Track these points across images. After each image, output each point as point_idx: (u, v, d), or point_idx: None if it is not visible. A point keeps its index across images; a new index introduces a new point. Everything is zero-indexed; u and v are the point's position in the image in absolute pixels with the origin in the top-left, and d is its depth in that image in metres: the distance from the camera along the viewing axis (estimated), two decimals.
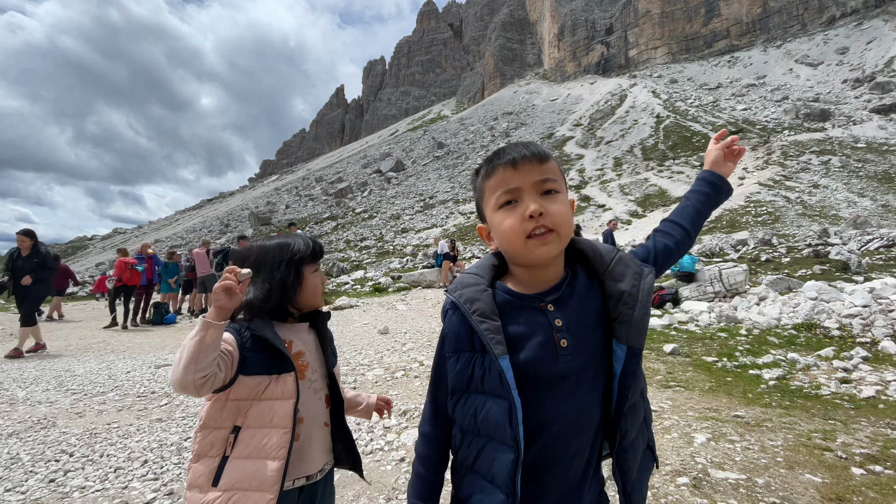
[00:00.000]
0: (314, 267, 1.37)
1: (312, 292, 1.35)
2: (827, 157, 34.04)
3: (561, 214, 0.90)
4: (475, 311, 0.91)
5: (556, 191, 0.92)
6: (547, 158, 0.93)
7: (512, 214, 0.91)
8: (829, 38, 69.95)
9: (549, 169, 0.93)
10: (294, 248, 1.33)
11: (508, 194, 0.92)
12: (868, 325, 5.36)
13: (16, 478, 2.80)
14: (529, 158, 0.91)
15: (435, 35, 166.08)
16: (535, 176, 0.91)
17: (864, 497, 2.29)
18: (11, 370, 5.73)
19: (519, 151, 0.92)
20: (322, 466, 1.33)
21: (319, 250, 1.39)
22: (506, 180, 0.92)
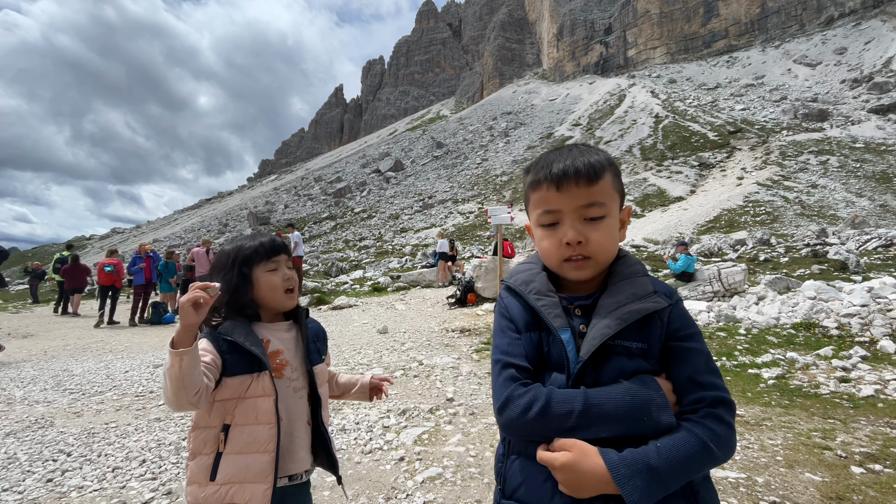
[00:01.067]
0: (269, 266, 1.31)
1: (268, 291, 1.31)
2: (825, 157, 34.13)
3: (601, 244, 0.87)
4: (531, 291, 0.93)
5: (603, 216, 0.87)
6: (597, 178, 0.86)
7: (551, 236, 0.89)
8: (827, 39, 70.10)
9: (598, 191, 0.87)
10: (240, 249, 1.32)
11: (549, 216, 0.89)
12: (867, 325, 5.36)
13: (13, 477, 2.79)
14: (576, 180, 0.86)
15: (434, 35, 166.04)
16: (580, 200, 0.86)
17: (864, 496, 2.29)
18: (9, 370, 5.71)
19: (566, 167, 0.86)
20: (308, 467, 1.33)
21: (270, 248, 1.32)
22: (547, 200, 0.89)
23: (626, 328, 0.84)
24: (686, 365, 0.86)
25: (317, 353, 1.41)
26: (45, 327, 9.92)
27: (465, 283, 9.81)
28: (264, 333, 1.31)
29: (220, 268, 1.32)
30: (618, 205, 0.91)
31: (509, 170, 55.78)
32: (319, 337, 1.47)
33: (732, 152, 39.53)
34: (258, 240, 1.34)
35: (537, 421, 0.81)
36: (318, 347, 1.43)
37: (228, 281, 1.29)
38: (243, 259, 1.30)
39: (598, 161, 0.88)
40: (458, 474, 2.67)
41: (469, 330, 7.07)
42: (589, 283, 0.93)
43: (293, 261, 9.46)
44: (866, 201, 26.05)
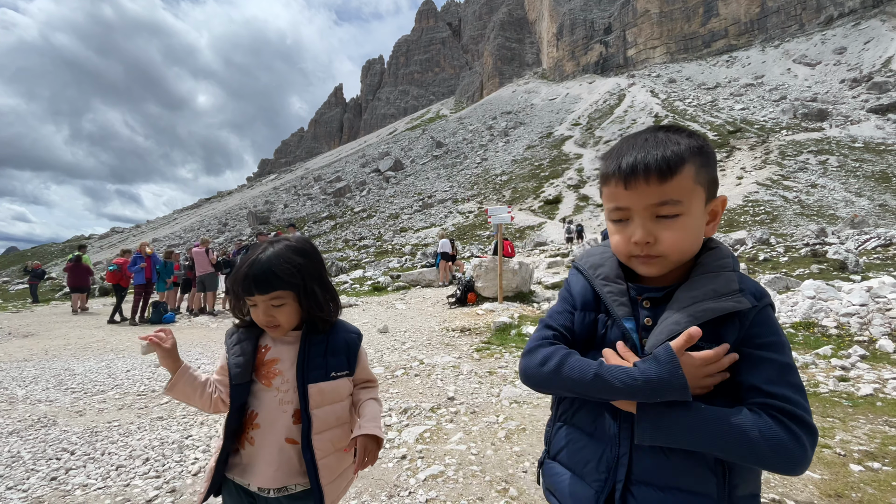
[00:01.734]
0: (249, 300, 1.24)
1: (255, 319, 1.26)
2: (824, 156, 34.16)
3: (673, 244, 0.81)
4: (599, 276, 0.92)
5: (677, 214, 0.80)
6: (672, 173, 0.79)
7: (620, 232, 0.86)
8: (826, 38, 70.16)
9: (672, 188, 0.79)
10: (236, 270, 1.26)
11: (619, 212, 0.85)
12: (866, 324, 5.38)
13: (17, 476, 2.80)
14: (645, 177, 0.79)
15: (434, 34, 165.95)
16: (650, 199, 0.80)
17: (863, 493, 2.31)
18: (11, 369, 5.72)
19: (635, 162, 0.80)
20: (281, 486, 1.23)
21: (246, 285, 1.21)
22: (616, 197, 0.84)
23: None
24: (755, 374, 0.77)
25: (321, 370, 1.28)
26: (45, 327, 9.93)
27: (465, 283, 9.82)
28: (268, 340, 1.30)
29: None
30: (701, 199, 0.82)
31: (509, 169, 55.79)
32: (338, 351, 1.32)
33: (732, 152, 39.55)
34: (244, 268, 1.23)
35: (548, 376, 0.87)
36: (327, 363, 1.29)
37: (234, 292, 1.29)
38: (231, 280, 1.26)
39: (674, 154, 0.79)
40: (459, 472, 2.69)
41: (469, 329, 7.08)
42: (665, 276, 0.88)
43: None
44: (865, 201, 26.09)
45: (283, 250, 1.26)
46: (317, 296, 1.29)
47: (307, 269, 1.28)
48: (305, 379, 1.26)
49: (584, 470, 0.89)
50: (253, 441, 1.24)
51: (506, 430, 3.25)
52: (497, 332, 6.62)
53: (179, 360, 1.24)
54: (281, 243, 1.28)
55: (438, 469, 2.72)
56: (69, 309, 14.15)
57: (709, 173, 0.83)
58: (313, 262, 1.31)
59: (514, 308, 8.53)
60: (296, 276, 1.24)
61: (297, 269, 1.25)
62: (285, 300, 1.23)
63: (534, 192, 43.52)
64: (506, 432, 3.23)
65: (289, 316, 1.25)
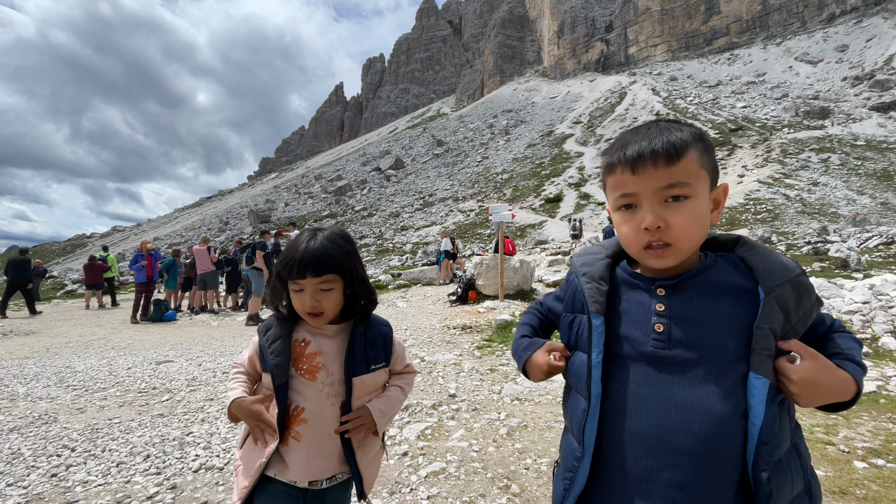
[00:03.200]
0: (294, 286, 1.23)
1: (295, 306, 1.26)
2: (826, 154, 34.07)
3: (684, 227, 0.80)
4: (583, 275, 0.94)
5: (686, 196, 0.80)
6: (679, 156, 0.79)
7: (629, 222, 0.84)
8: (828, 36, 69.95)
9: (680, 170, 0.79)
10: (283, 255, 1.26)
11: (626, 199, 0.84)
12: (868, 322, 5.37)
13: (17, 473, 2.80)
14: (653, 160, 0.79)
15: (434, 32, 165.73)
16: (659, 182, 0.80)
17: (867, 490, 2.30)
18: (12, 366, 5.73)
19: (642, 148, 0.80)
20: (332, 475, 1.29)
21: (298, 268, 1.20)
22: (623, 184, 0.84)
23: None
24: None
25: (363, 363, 1.30)
26: (46, 325, 9.94)
27: (466, 281, 9.82)
28: (305, 334, 1.29)
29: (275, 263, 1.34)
30: (706, 184, 0.83)
31: (510, 168, 55.75)
32: (376, 344, 1.35)
33: (733, 150, 39.47)
34: (298, 252, 1.22)
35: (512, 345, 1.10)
36: (367, 356, 1.32)
37: (272, 283, 1.31)
38: (279, 266, 1.25)
39: (679, 139, 0.81)
40: (461, 469, 2.68)
41: (470, 327, 7.08)
42: (677, 268, 0.87)
43: None
44: (867, 199, 26.03)
45: (334, 236, 1.28)
46: (365, 283, 1.32)
47: (355, 255, 1.31)
48: (351, 372, 1.28)
49: (561, 465, 0.93)
50: (300, 436, 1.24)
51: (507, 428, 3.24)
52: (498, 329, 6.62)
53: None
54: (328, 230, 1.30)
55: (440, 466, 2.71)
56: (70, 307, 14.24)
57: (711, 160, 0.85)
58: (357, 251, 1.34)
59: (515, 306, 8.53)
60: (347, 261, 1.26)
61: (347, 254, 1.27)
62: (334, 285, 1.24)
63: (535, 191, 43.48)
64: (507, 429, 3.22)
65: (334, 303, 1.25)
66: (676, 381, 0.80)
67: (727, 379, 0.78)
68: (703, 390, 0.78)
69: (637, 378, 0.83)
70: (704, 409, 0.77)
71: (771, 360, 0.77)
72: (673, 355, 0.81)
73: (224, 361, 5.72)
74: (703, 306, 0.82)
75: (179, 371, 5.27)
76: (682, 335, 0.81)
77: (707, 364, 0.79)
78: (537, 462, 2.72)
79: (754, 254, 0.84)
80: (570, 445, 0.90)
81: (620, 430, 0.83)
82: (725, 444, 0.76)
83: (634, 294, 0.89)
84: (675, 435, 0.78)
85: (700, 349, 0.80)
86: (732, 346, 0.79)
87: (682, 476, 0.77)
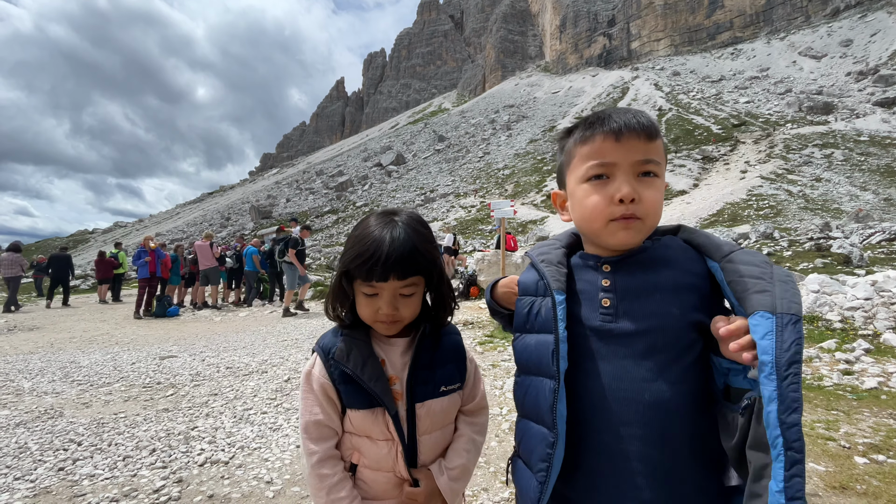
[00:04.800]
0: (366, 288, 0.96)
1: (362, 312, 0.99)
2: (830, 150, 33.90)
3: (654, 203, 0.83)
4: (542, 260, 0.94)
5: (656, 174, 0.83)
6: (656, 135, 0.83)
7: (599, 192, 0.84)
8: (832, 31, 69.40)
9: (655, 148, 0.83)
10: (347, 251, 0.98)
11: (601, 167, 0.84)
12: (870, 318, 5.36)
13: (25, 466, 2.83)
14: (637, 132, 0.81)
15: (436, 27, 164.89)
16: (638, 154, 0.82)
17: (868, 485, 2.31)
18: (17, 361, 5.77)
19: (626, 120, 0.82)
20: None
21: (371, 270, 0.92)
22: (602, 152, 0.83)
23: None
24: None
25: (430, 385, 1.02)
26: (50, 320, 9.99)
27: (467, 277, 9.83)
28: (380, 351, 1.03)
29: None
30: (665, 170, 0.88)
31: (511, 163, 55.60)
32: (446, 357, 1.06)
33: (736, 145, 39.30)
34: (382, 247, 0.92)
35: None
36: (433, 376, 1.03)
37: (332, 283, 1.05)
38: (348, 263, 0.96)
39: (654, 122, 0.84)
40: None
41: (472, 323, 7.10)
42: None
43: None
44: (870, 195, 25.92)
45: (413, 222, 0.99)
46: (447, 283, 1.07)
47: (437, 247, 1.04)
48: (414, 396, 1.00)
49: (530, 459, 0.88)
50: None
51: (510, 423, 3.27)
52: (499, 326, 6.63)
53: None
54: (404, 214, 1.01)
55: None
56: (74, 302, 14.32)
57: (665, 151, 0.89)
58: (435, 240, 1.06)
59: None
60: (432, 255, 0.99)
61: (431, 246, 1.00)
62: (417, 288, 0.99)
63: (536, 187, 43.39)
64: (510, 424, 3.24)
65: (414, 309, 1.01)
66: (626, 353, 0.81)
67: (674, 348, 0.79)
68: (652, 361, 0.79)
69: (590, 354, 0.84)
70: (653, 379, 0.78)
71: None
72: (620, 328, 0.82)
73: (227, 357, 5.75)
74: (647, 279, 0.84)
75: (183, 366, 5.31)
76: (626, 307, 0.83)
77: (653, 334, 0.80)
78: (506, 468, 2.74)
79: (697, 235, 0.88)
80: (535, 433, 0.87)
81: (584, 408, 0.83)
82: (676, 412, 0.77)
83: (585, 273, 0.91)
84: (631, 406, 0.79)
85: (644, 319, 0.81)
86: (677, 314, 0.80)
87: (641, 448, 0.78)
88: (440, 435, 1.05)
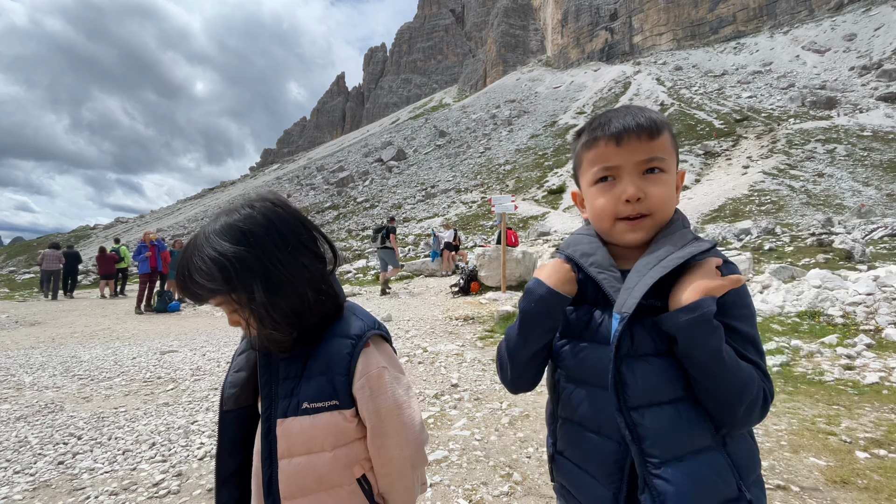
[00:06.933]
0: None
1: None
2: (832, 145, 33.72)
3: (661, 199, 0.84)
4: (592, 264, 0.90)
5: (662, 170, 0.85)
6: (658, 132, 0.84)
7: (606, 193, 0.87)
8: (836, 25, 68.84)
9: (659, 146, 0.84)
10: None
11: (606, 171, 0.86)
12: (872, 313, 5.34)
13: (24, 460, 2.83)
14: (637, 134, 0.83)
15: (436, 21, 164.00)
16: (640, 155, 0.84)
17: (869, 479, 2.30)
18: (18, 356, 5.78)
19: (626, 123, 0.84)
20: None
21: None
22: (605, 156, 0.86)
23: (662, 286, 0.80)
24: (730, 338, 0.81)
25: (292, 399, 0.87)
26: (52, 315, 10.01)
27: (468, 272, 9.82)
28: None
29: None
30: (675, 164, 0.88)
31: (512, 158, 55.43)
32: (318, 369, 0.88)
33: (738, 141, 39.10)
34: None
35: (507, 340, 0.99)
36: (298, 389, 0.87)
37: None
38: None
39: (658, 118, 0.86)
40: (463, 457, 2.70)
41: (473, 318, 7.09)
42: (640, 253, 0.89)
43: None
44: (873, 190, 25.80)
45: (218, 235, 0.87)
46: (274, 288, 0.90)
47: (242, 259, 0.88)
48: (273, 411, 0.88)
49: (597, 470, 0.86)
50: None
51: (509, 417, 3.26)
52: (500, 320, 6.63)
53: None
54: (214, 224, 0.91)
55: (442, 454, 2.73)
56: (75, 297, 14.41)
57: (676, 144, 0.90)
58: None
59: (518, 297, 8.53)
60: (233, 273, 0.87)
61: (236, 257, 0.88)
62: (232, 305, 0.91)
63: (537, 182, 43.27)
64: (509, 418, 3.24)
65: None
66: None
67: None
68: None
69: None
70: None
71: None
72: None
73: (227, 351, 5.76)
74: None
75: (184, 361, 5.31)
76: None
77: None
78: (539, 451, 2.74)
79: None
80: (594, 444, 0.86)
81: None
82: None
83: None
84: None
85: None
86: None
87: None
88: (306, 463, 0.86)
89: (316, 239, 0.95)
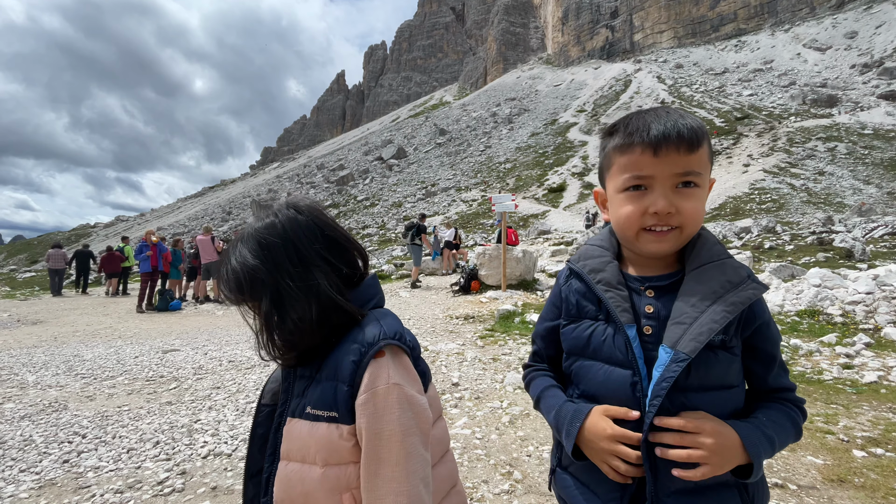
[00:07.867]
0: None
1: None
2: (833, 143, 33.68)
3: (692, 214, 0.80)
4: (599, 281, 0.88)
5: (697, 185, 0.80)
6: (699, 144, 0.78)
7: (635, 202, 0.81)
8: (837, 22, 68.68)
9: (696, 160, 0.79)
10: None
11: (638, 179, 0.80)
12: (871, 312, 5.36)
13: (30, 459, 2.86)
14: (676, 145, 0.77)
15: (437, 19, 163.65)
16: (677, 168, 0.78)
17: (866, 478, 2.32)
18: (21, 355, 5.81)
19: (666, 130, 0.77)
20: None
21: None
22: (639, 165, 0.80)
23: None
24: (764, 369, 0.84)
25: (303, 399, 0.83)
26: (54, 314, 10.04)
27: (468, 271, 9.84)
28: None
29: None
30: (709, 176, 0.84)
31: (513, 157, 55.39)
32: (327, 374, 0.83)
33: (739, 139, 39.06)
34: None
35: (534, 404, 1.00)
36: (307, 390, 0.83)
37: None
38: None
39: (699, 127, 0.79)
40: (464, 456, 2.72)
41: (473, 317, 7.11)
42: (661, 261, 0.87)
43: None
44: (874, 189, 25.79)
45: (248, 247, 0.92)
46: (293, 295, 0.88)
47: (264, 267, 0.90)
48: (286, 407, 0.86)
49: (598, 488, 0.86)
50: None
51: (510, 416, 3.28)
52: (501, 319, 6.65)
53: None
54: (246, 231, 0.95)
55: None
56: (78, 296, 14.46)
57: (712, 155, 0.86)
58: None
59: (518, 296, 8.55)
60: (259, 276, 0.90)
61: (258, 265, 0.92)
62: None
63: (538, 180, 43.26)
64: (510, 417, 3.26)
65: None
66: None
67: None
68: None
69: None
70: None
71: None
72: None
73: (229, 350, 5.78)
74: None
75: (186, 360, 5.34)
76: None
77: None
78: (539, 449, 2.76)
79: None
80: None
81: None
82: None
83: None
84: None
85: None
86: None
87: None
88: (297, 473, 0.81)
89: (338, 248, 0.91)
